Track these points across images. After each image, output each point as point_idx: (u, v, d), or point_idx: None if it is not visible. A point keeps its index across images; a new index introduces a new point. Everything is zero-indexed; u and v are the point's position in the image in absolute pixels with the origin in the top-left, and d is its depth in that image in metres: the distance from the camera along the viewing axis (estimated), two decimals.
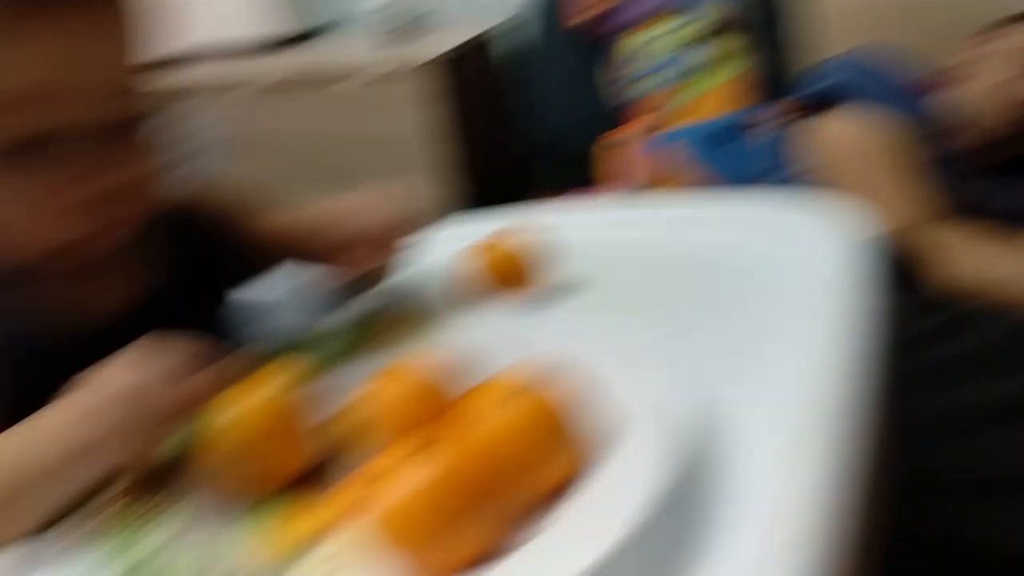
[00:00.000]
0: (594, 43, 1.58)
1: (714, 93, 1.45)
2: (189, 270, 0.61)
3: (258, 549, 0.41)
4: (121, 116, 0.50)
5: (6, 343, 0.51)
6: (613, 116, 1.57)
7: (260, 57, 1.78)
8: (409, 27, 1.75)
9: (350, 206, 0.61)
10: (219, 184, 0.70)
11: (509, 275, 0.61)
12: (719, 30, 1.44)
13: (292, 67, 1.65)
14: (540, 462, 0.38)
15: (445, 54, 1.53)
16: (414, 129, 1.56)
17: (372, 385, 0.44)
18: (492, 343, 0.51)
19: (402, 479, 0.36)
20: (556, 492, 0.39)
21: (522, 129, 1.81)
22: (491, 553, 0.36)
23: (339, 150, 1.63)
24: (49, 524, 0.46)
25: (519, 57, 1.75)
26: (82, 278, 0.55)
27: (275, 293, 0.72)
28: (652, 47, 1.48)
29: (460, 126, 1.60)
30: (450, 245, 0.67)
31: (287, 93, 1.61)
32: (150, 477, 0.47)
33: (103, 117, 0.49)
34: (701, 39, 1.44)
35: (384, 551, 0.37)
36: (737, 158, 1.40)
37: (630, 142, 1.50)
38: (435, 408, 0.43)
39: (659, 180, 1.49)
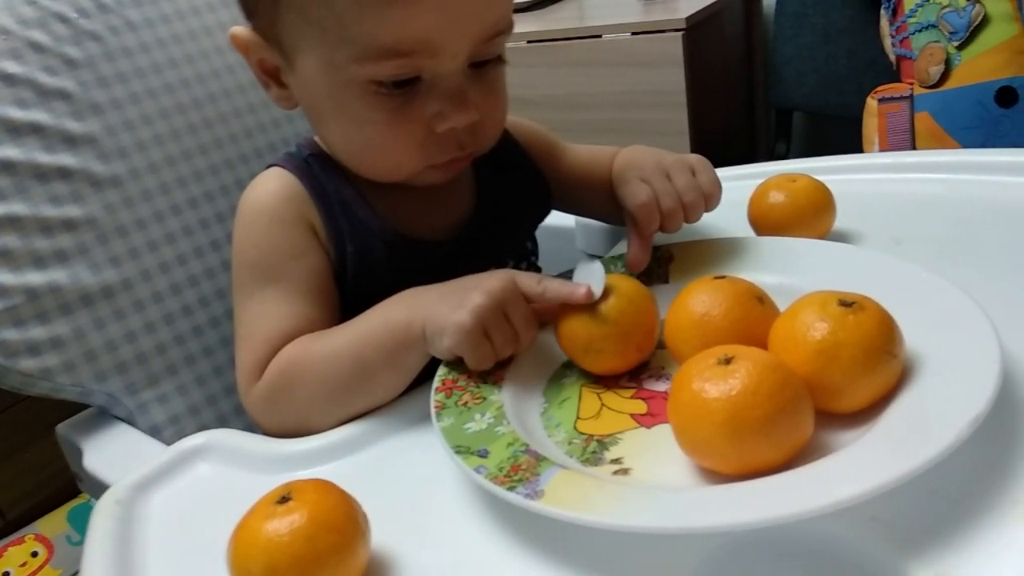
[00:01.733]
0: None
1: (983, 56, 1.34)
2: (504, 197, 0.66)
3: (563, 433, 0.46)
4: (490, 52, 0.54)
5: (359, 250, 0.59)
6: (884, 72, 1.49)
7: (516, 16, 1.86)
8: None
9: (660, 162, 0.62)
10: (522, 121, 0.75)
11: (801, 216, 0.62)
12: None
13: (539, 28, 1.71)
14: (873, 370, 0.39)
15: (694, 15, 1.52)
16: (656, 89, 1.57)
17: (697, 291, 0.48)
18: (790, 276, 0.54)
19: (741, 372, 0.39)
20: (878, 402, 0.41)
21: (763, 93, 1.76)
22: (804, 456, 0.38)
23: (583, 107, 1.68)
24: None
25: (778, 15, 1.70)
26: (422, 200, 0.62)
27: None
28: (927, 2, 1.38)
29: (699, 89, 1.58)
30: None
31: (539, 52, 1.68)
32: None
33: (475, 55, 0.53)
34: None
35: (693, 449, 0.40)
36: (1006, 125, 1.30)
37: (896, 101, 1.42)
38: (757, 316, 0.46)
39: (923, 142, 1.41)
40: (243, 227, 0.60)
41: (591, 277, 0.51)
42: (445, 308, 0.50)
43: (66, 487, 1.77)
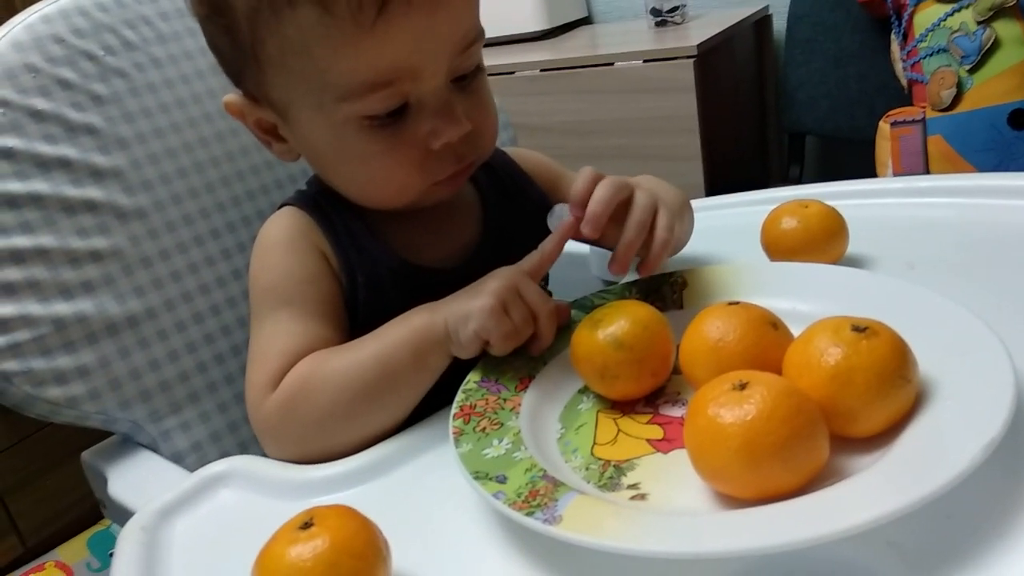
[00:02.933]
0: (884, 19, 1.51)
1: (995, 80, 1.35)
2: (510, 224, 0.67)
3: (580, 459, 0.47)
4: (468, 65, 0.56)
5: (369, 279, 0.61)
6: (896, 96, 1.50)
7: (529, 45, 1.89)
8: (672, 17, 1.78)
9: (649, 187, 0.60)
10: (527, 151, 0.77)
11: (813, 241, 0.62)
12: (996, 14, 1.33)
13: (552, 56, 1.73)
14: (887, 394, 0.40)
15: (705, 42, 1.54)
16: (668, 115, 1.59)
17: (711, 317, 0.48)
18: (804, 301, 0.54)
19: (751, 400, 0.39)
20: (893, 427, 0.41)
21: (775, 118, 1.77)
22: (820, 481, 0.38)
23: (596, 133, 1.70)
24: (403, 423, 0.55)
25: (789, 41, 1.71)
26: (430, 229, 0.64)
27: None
28: (938, 27, 1.39)
29: (711, 115, 1.59)
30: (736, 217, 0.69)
31: (552, 80, 1.70)
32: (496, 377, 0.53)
33: (454, 70, 0.55)
34: (981, 22, 1.34)
35: (709, 474, 0.40)
36: (1019, 147, 1.30)
37: (909, 125, 1.43)
38: (772, 342, 0.46)
39: (936, 165, 1.42)
40: (259, 258, 0.62)
41: (562, 213, 0.57)
42: (463, 300, 0.54)
43: (87, 514, 1.78)
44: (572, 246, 0.75)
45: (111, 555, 1.69)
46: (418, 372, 0.55)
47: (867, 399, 0.40)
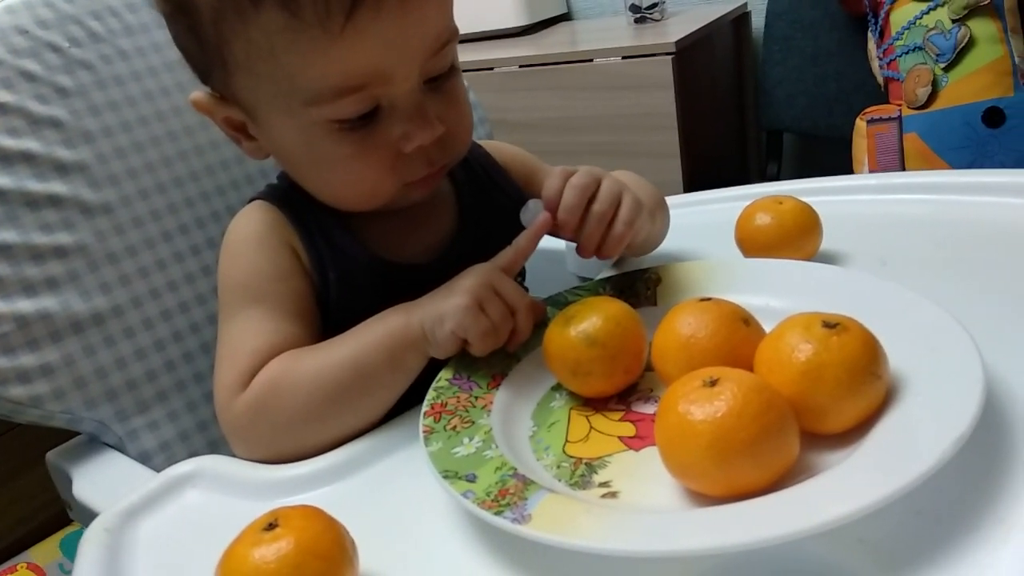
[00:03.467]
0: (861, 17, 1.52)
1: (970, 78, 1.36)
2: (485, 217, 0.67)
3: (551, 456, 0.46)
4: (442, 66, 0.55)
5: (341, 276, 0.60)
6: (872, 94, 1.51)
7: (508, 41, 1.89)
8: (651, 14, 1.78)
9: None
10: (503, 145, 0.76)
11: (787, 237, 0.62)
12: (971, 13, 1.35)
13: (531, 52, 1.73)
14: (857, 390, 0.40)
15: (684, 39, 1.54)
16: (647, 112, 1.59)
17: (683, 313, 0.48)
18: (776, 297, 0.54)
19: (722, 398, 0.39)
20: (863, 423, 0.41)
21: (753, 115, 1.78)
22: (791, 477, 0.38)
23: (575, 129, 1.69)
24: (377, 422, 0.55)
25: (767, 38, 1.72)
26: (403, 224, 0.63)
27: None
28: (914, 25, 1.40)
29: (690, 112, 1.60)
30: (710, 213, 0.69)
31: (531, 76, 1.69)
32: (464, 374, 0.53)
33: (427, 72, 0.54)
34: (956, 20, 1.35)
35: (680, 472, 0.39)
36: (993, 145, 1.32)
37: (885, 122, 1.43)
38: (743, 338, 0.46)
39: (912, 162, 1.43)
40: (228, 255, 0.61)
41: (536, 210, 0.56)
42: (438, 300, 0.53)
43: (59, 515, 1.76)
44: (548, 242, 0.75)
45: None
46: (393, 373, 0.54)
47: (837, 395, 0.40)
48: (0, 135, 0.65)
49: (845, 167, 1.50)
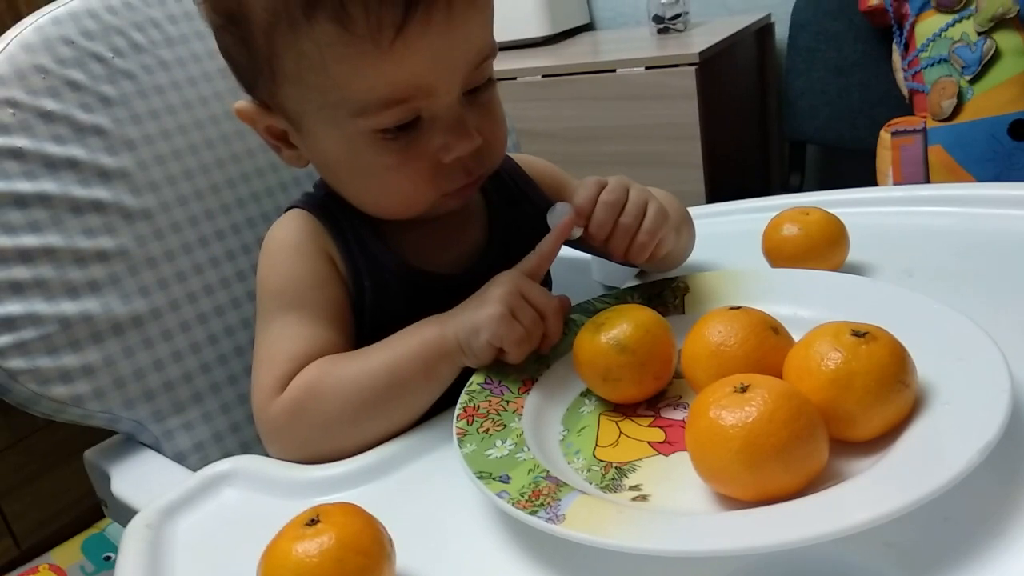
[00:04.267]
0: (886, 29, 1.52)
1: (995, 90, 1.36)
2: (516, 229, 0.68)
3: (582, 460, 0.47)
4: (480, 79, 0.57)
5: (376, 284, 0.61)
6: (897, 106, 1.51)
7: (531, 50, 1.90)
8: (674, 24, 1.79)
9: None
10: (533, 158, 0.77)
11: (814, 248, 0.62)
12: (997, 26, 1.35)
13: (554, 62, 1.74)
14: (886, 399, 0.40)
15: (707, 50, 1.55)
16: (670, 122, 1.59)
17: (713, 321, 0.49)
18: (804, 307, 0.55)
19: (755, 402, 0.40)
20: (891, 431, 0.42)
21: (776, 126, 1.78)
22: (820, 483, 0.39)
23: (597, 139, 1.71)
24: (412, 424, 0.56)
25: (791, 49, 1.72)
26: (436, 235, 0.64)
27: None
28: (939, 37, 1.40)
29: (712, 122, 1.60)
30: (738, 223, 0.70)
31: (554, 86, 1.71)
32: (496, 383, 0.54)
33: (468, 85, 0.56)
34: (982, 33, 1.35)
35: (710, 475, 0.40)
36: (1019, 158, 1.31)
37: (910, 134, 1.43)
38: (772, 346, 0.47)
39: (937, 174, 1.43)
40: (267, 261, 0.62)
41: (563, 212, 0.57)
42: (470, 312, 0.54)
43: (81, 516, 1.78)
44: (574, 251, 0.76)
45: (105, 558, 1.70)
46: (428, 382, 0.55)
47: (866, 403, 0.40)
48: (46, 142, 0.67)
49: (868, 179, 1.50)
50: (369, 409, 0.54)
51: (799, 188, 1.80)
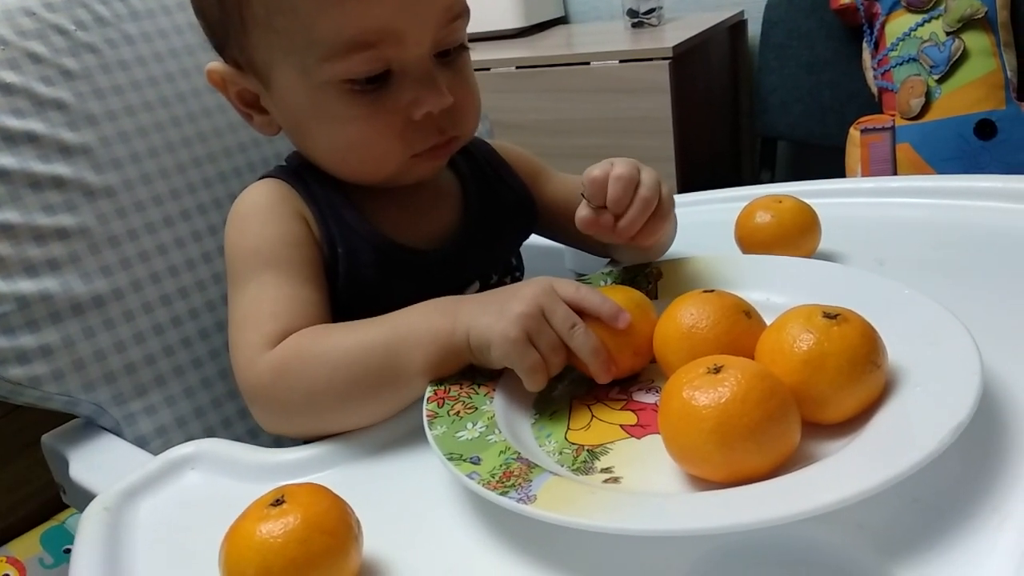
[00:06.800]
0: (857, 27, 1.54)
1: (963, 90, 1.38)
2: (489, 210, 0.67)
3: (553, 443, 0.47)
4: (452, 40, 0.56)
5: (349, 251, 0.59)
6: (866, 104, 1.53)
7: (505, 42, 1.90)
8: (648, 18, 1.79)
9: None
10: (508, 144, 0.76)
11: (786, 236, 0.63)
12: (965, 26, 1.37)
13: (528, 54, 1.73)
14: (857, 379, 0.40)
15: (681, 44, 1.55)
16: (643, 116, 1.60)
17: (685, 304, 0.49)
18: (777, 292, 0.55)
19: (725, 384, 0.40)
20: (863, 414, 0.42)
21: (748, 122, 1.79)
22: (792, 464, 0.39)
23: (571, 132, 1.70)
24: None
25: (763, 46, 1.73)
26: (410, 209, 0.63)
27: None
28: (909, 36, 1.42)
29: (685, 117, 1.61)
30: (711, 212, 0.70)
31: (527, 77, 1.70)
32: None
33: (438, 42, 0.55)
34: (950, 33, 1.37)
35: (682, 456, 0.40)
36: (985, 157, 1.34)
37: (878, 132, 1.45)
38: (744, 329, 0.47)
39: (904, 172, 1.44)
40: (237, 225, 0.60)
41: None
42: (488, 318, 0.49)
43: (40, 509, 1.74)
44: (547, 240, 0.76)
45: (65, 551, 1.66)
46: (430, 372, 0.51)
47: (838, 384, 0.40)
48: (5, 115, 0.65)
49: (838, 175, 1.51)
50: (358, 388, 0.51)
51: (770, 183, 1.82)
